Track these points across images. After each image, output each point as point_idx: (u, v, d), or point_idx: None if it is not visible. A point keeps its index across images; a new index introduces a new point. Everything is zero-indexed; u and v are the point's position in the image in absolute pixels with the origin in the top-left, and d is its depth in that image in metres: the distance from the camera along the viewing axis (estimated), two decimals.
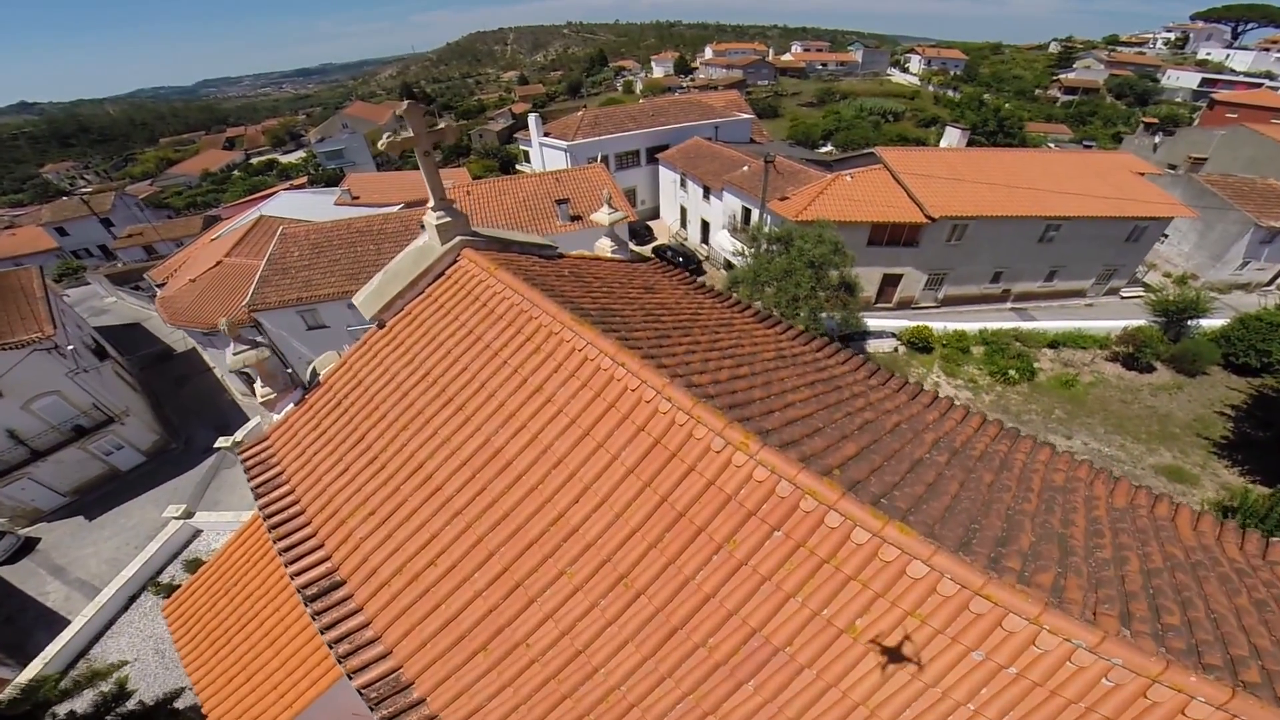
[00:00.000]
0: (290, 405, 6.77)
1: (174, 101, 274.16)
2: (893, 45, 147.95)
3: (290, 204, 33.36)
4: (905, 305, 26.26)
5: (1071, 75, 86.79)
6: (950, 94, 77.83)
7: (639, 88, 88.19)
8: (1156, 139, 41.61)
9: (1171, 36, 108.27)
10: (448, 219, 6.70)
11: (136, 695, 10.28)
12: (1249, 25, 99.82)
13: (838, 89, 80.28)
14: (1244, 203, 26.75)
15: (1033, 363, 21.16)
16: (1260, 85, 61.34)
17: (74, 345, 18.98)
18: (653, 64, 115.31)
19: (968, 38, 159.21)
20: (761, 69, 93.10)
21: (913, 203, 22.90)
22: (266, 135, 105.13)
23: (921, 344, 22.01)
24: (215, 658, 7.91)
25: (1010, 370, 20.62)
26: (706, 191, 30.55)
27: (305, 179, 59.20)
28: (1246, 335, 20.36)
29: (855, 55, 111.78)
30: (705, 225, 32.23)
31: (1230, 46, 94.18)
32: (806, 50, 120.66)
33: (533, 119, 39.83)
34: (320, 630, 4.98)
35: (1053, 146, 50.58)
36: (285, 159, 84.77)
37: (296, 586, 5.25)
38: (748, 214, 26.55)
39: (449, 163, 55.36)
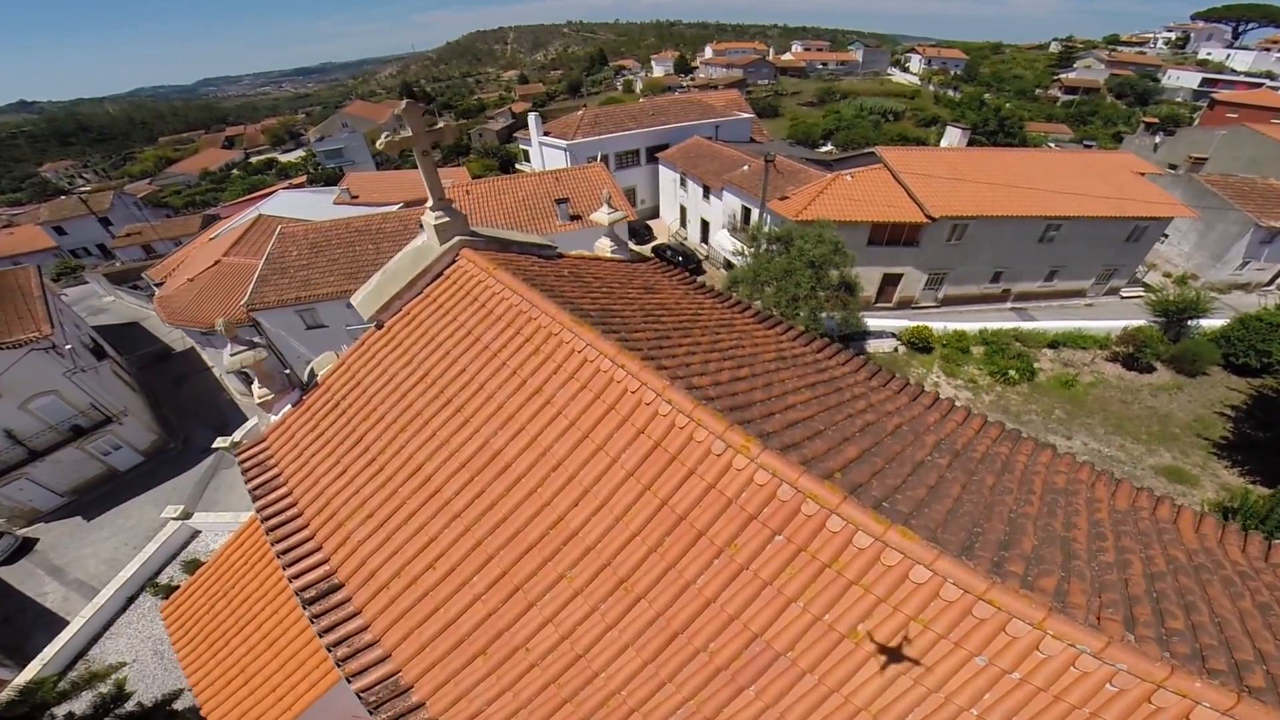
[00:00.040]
0: (288, 406, 6.73)
1: (173, 100, 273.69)
2: (893, 45, 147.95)
3: (289, 203, 33.27)
4: (905, 305, 26.24)
5: (1072, 75, 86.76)
6: (950, 94, 77.87)
7: (639, 87, 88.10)
8: (1157, 139, 41.59)
9: (1172, 36, 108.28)
10: (446, 219, 6.66)
11: (135, 697, 10.26)
12: (1249, 25, 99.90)
13: (838, 88, 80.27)
14: (1244, 203, 26.75)
15: (1033, 363, 21.15)
16: (1261, 85, 61.34)
17: (72, 345, 18.93)
18: (653, 63, 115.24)
19: (968, 37, 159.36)
20: (762, 68, 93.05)
21: (913, 202, 22.87)
22: (266, 134, 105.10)
23: (921, 344, 22.00)
24: (214, 660, 7.89)
25: (1010, 370, 20.61)
26: (706, 191, 30.51)
27: (304, 178, 59.14)
28: (1246, 335, 20.35)
29: (855, 55, 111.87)
30: (705, 225, 32.19)
31: (1231, 46, 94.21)
32: (807, 50, 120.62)
33: (532, 118, 39.78)
34: (319, 633, 4.95)
35: (1053, 146, 50.56)
36: (284, 158, 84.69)
37: (294, 589, 5.22)
38: (748, 213, 26.52)
39: (448, 162, 55.23)
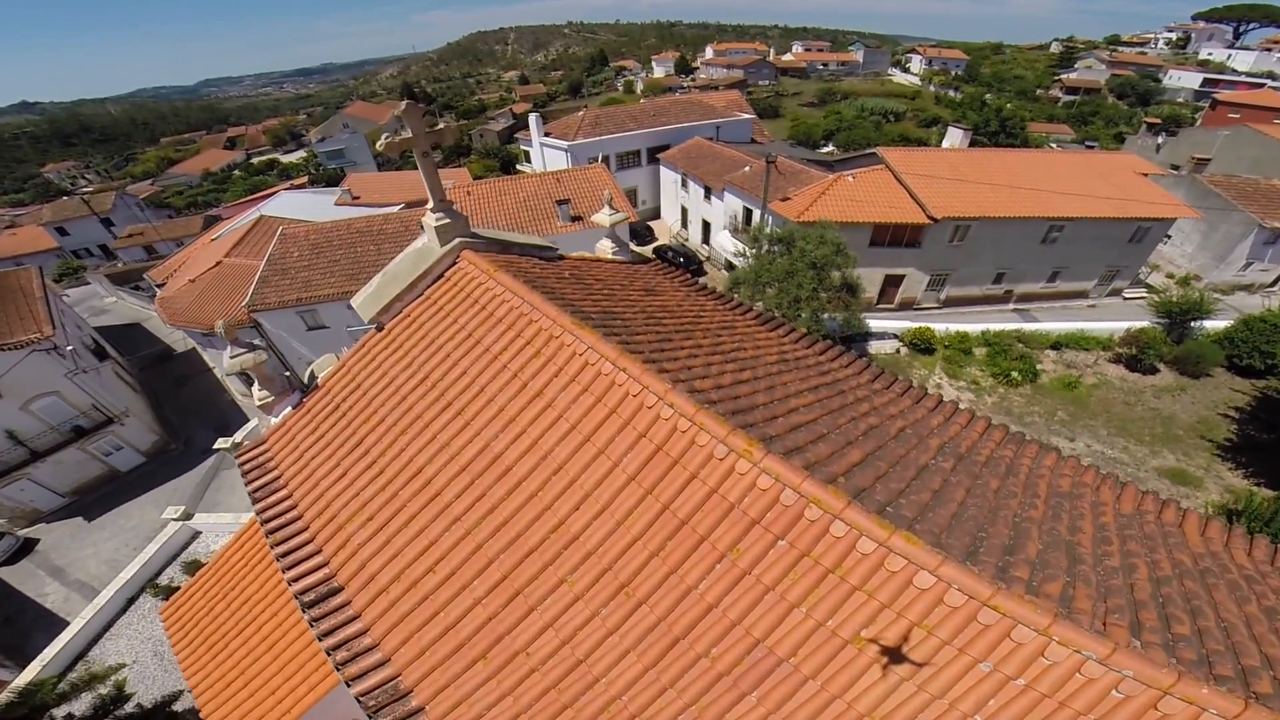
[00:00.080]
0: (288, 409, 6.72)
1: (175, 101, 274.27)
2: (893, 45, 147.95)
3: (290, 204, 33.36)
4: (907, 306, 26.19)
5: (1073, 75, 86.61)
6: (951, 94, 77.74)
7: (640, 88, 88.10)
8: (1159, 139, 41.49)
9: (1173, 36, 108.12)
10: (447, 220, 6.64)
11: (135, 698, 10.27)
12: (1250, 25, 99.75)
13: (839, 89, 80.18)
14: (1248, 203, 26.68)
15: (1035, 364, 21.09)
16: (1262, 85, 61.20)
17: (73, 345, 18.94)
18: (653, 64, 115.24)
19: (968, 38, 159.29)
20: (762, 69, 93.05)
21: (915, 203, 22.83)
22: (267, 135, 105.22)
23: (924, 345, 21.95)
24: (213, 662, 7.87)
25: (1013, 372, 20.55)
26: (708, 192, 30.48)
27: (306, 179, 59.21)
28: (1250, 337, 20.29)
29: (856, 55, 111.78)
30: (706, 226, 32.17)
31: (1232, 47, 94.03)
32: (807, 50, 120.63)
33: (533, 119, 39.75)
34: (318, 637, 4.93)
35: (1055, 147, 50.49)
36: (286, 159, 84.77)
37: (294, 593, 5.20)
38: (749, 214, 26.48)
39: (449, 163, 55.28)
